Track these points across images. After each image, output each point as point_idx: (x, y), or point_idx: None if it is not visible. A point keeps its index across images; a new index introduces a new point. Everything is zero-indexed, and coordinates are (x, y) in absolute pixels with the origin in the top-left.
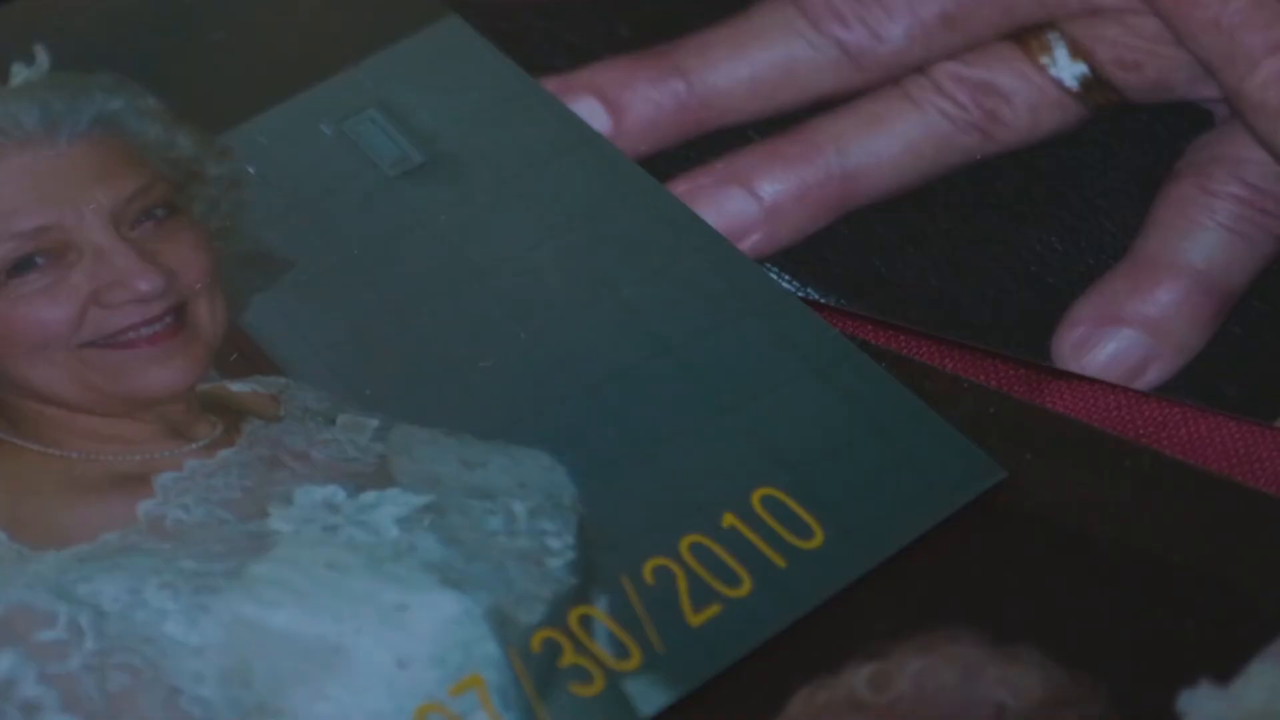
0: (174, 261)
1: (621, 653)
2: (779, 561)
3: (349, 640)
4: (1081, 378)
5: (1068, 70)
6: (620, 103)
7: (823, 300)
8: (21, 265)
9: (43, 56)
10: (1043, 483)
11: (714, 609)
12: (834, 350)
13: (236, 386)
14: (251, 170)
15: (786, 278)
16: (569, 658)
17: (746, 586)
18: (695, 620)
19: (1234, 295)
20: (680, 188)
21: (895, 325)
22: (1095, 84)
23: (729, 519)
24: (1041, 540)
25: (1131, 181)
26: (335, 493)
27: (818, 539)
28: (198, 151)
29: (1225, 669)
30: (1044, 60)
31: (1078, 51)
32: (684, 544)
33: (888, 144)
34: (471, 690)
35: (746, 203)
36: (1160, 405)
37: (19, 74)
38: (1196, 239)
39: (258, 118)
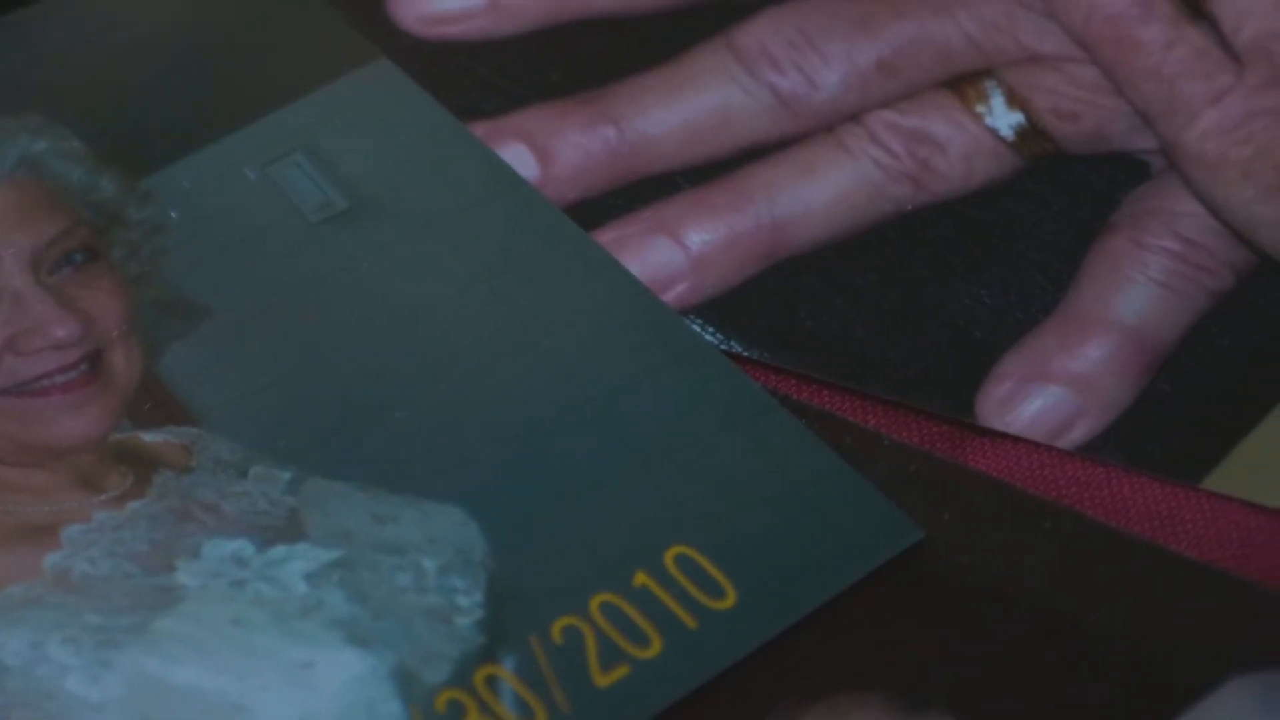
0: (91, 308)
1: (527, 714)
2: (690, 622)
3: (252, 698)
4: (1006, 435)
5: (1004, 119)
6: (549, 149)
7: (746, 353)
8: None
9: None
10: (961, 544)
11: (622, 670)
12: (754, 405)
13: (149, 436)
14: (174, 215)
15: (711, 329)
16: (473, 719)
17: (656, 647)
18: (603, 681)
19: (1164, 351)
20: (607, 236)
21: (818, 379)
22: (1031, 133)
23: (641, 577)
24: (958, 603)
25: (1065, 234)
26: (244, 547)
27: (730, 599)
28: (120, 195)
29: None
30: (980, 109)
31: (1014, 100)
32: (594, 603)
33: (819, 193)
34: None
35: (673, 252)
36: (1084, 465)
37: None
38: (1128, 293)
39: (183, 161)
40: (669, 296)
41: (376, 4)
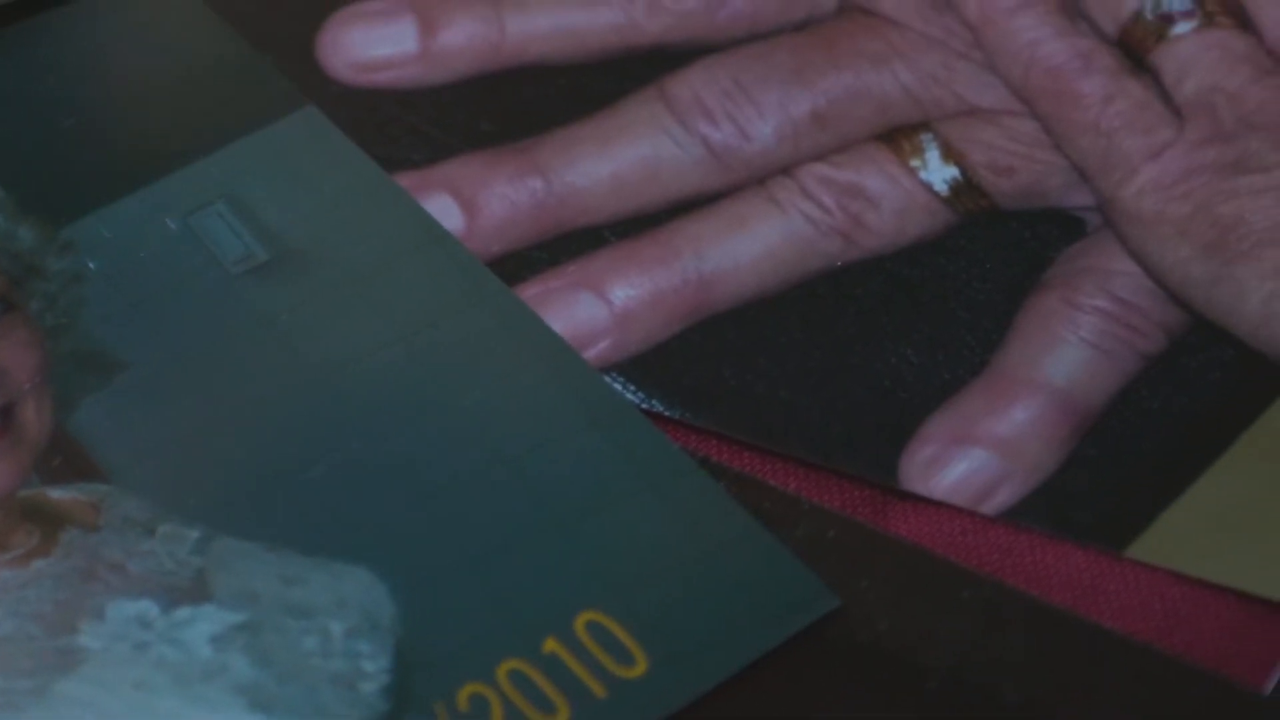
0: (4, 360)
1: None
2: (599, 691)
3: None
4: (929, 500)
5: (938, 174)
6: (475, 201)
7: (668, 412)
8: None
9: None
10: (878, 611)
11: None
12: (672, 467)
13: (57, 493)
14: (92, 266)
15: (633, 387)
16: None
17: (564, 716)
18: None
19: (1092, 415)
20: (531, 291)
21: (740, 440)
22: (966, 189)
23: (550, 644)
24: (873, 672)
25: (997, 292)
26: (149, 608)
27: (640, 667)
28: (39, 245)
29: None
30: (915, 163)
31: (950, 154)
32: (502, 670)
33: (748, 248)
34: None
35: (597, 308)
36: (1007, 531)
37: None
38: (1058, 354)
39: (104, 209)
40: (592, 353)
41: (306, 51)
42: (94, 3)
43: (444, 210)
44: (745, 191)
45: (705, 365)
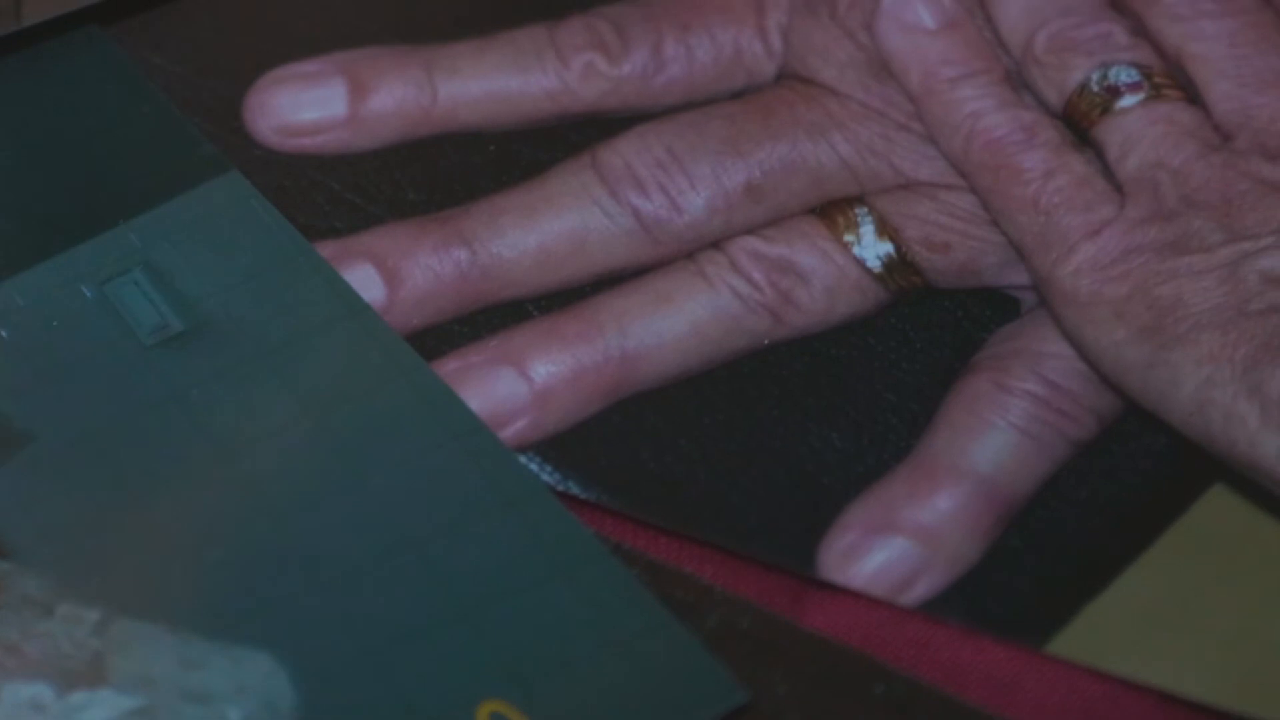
0: None
1: None
2: None
3: None
4: (846, 590)
5: (872, 249)
6: (398, 272)
7: (584, 495)
8: None
9: None
10: (788, 707)
11: None
12: (583, 553)
13: None
14: (4, 334)
15: (549, 468)
16: None
17: None
18: None
19: (1018, 503)
20: (449, 366)
21: (656, 526)
22: (899, 265)
23: None
24: None
25: (925, 374)
26: (43, 692)
27: None
28: None
29: None
30: (848, 238)
31: (884, 230)
32: None
33: (673, 325)
34: None
35: (516, 385)
36: (924, 624)
37: None
38: (985, 440)
39: (18, 276)
40: (509, 432)
41: (233, 114)
42: (9, 61)
43: (365, 281)
44: (674, 266)
45: (623, 446)
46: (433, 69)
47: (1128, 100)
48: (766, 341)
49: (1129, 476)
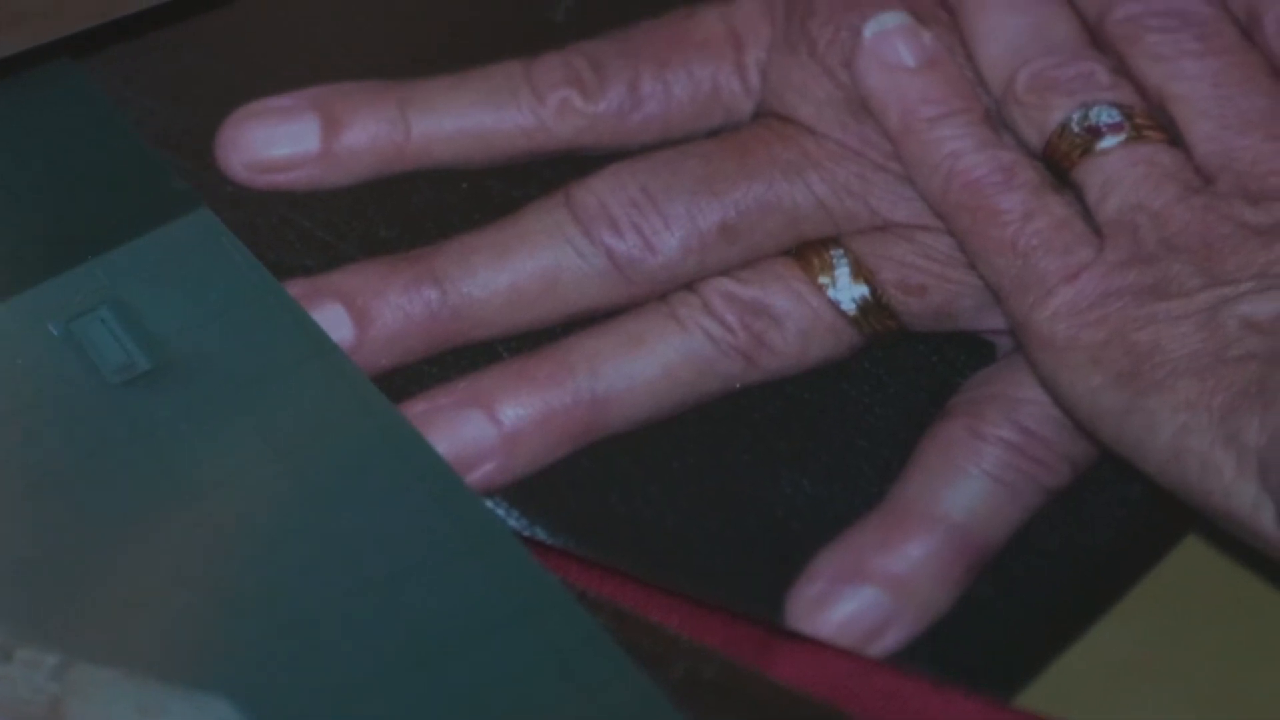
0: None
1: None
2: None
3: None
4: (814, 640)
5: (847, 292)
6: (368, 311)
7: (550, 540)
8: None
9: None
10: None
11: None
12: (547, 600)
13: None
14: None
15: (516, 513)
16: None
17: None
18: None
19: (989, 552)
20: (417, 408)
21: (623, 572)
22: (874, 308)
23: None
24: None
25: (898, 419)
26: None
27: None
28: None
29: None
30: (823, 280)
31: (860, 272)
32: None
33: (644, 367)
34: None
35: (484, 428)
36: (892, 676)
37: None
38: (958, 487)
39: None
40: (476, 475)
41: (205, 149)
42: None
43: (334, 320)
44: (646, 307)
45: (592, 491)
46: (406, 105)
47: (1109, 141)
48: (739, 385)
49: (1102, 525)
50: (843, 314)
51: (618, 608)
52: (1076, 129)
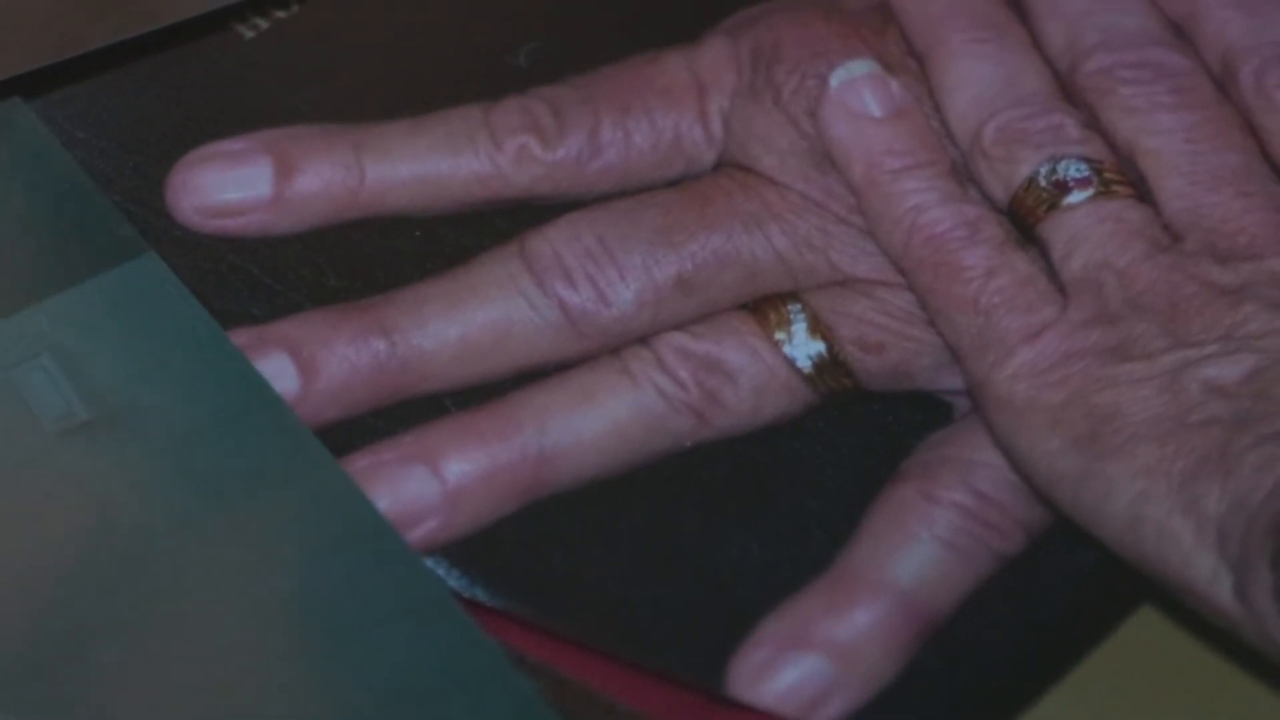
0: None
1: None
2: None
3: None
4: (755, 709)
5: (803, 348)
6: (314, 362)
7: (490, 601)
8: None
9: None
10: None
11: None
12: (483, 665)
13: None
14: None
15: (457, 571)
16: None
17: None
18: None
19: (938, 620)
20: (361, 462)
21: (562, 637)
22: (830, 366)
23: None
24: None
25: (851, 481)
26: None
27: None
28: None
29: None
30: (779, 335)
31: (817, 328)
32: None
33: (593, 423)
34: None
35: (428, 484)
36: None
37: None
38: (908, 552)
39: None
40: (418, 533)
41: (155, 192)
42: None
43: (279, 370)
44: (598, 361)
45: (534, 550)
46: (362, 150)
47: (1076, 196)
48: (690, 443)
49: (1055, 594)
50: (798, 371)
51: (556, 674)
52: (1043, 183)
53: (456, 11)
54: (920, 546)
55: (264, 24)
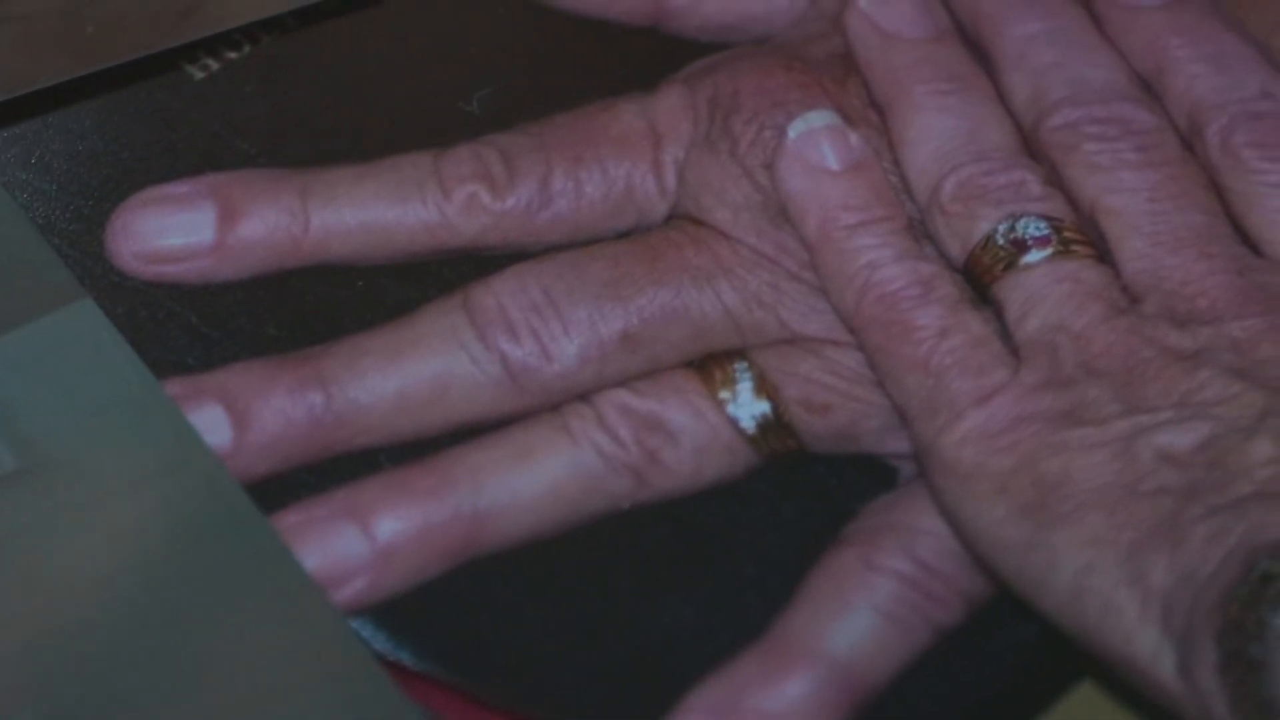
0: None
1: None
2: None
3: None
4: None
5: (747, 409)
6: (248, 414)
7: (417, 666)
8: None
9: None
10: None
11: None
12: None
13: None
14: None
15: (384, 634)
16: None
17: None
18: None
19: (873, 692)
20: (291, 519)
21: (489, 703)
22: (774, 426)
23: None
24: None
25: (790, 546)
26: None
27: None
28: None
29: None
30: (724, 394)
31: (763, 388)
32: None
33: (530, 483)
34: None
35: (357, 543)
36: None
37: None
38: (845, 622)
39: None
40: (345, 592)
41: (94, 236)
42: None
43: (213, 422)
44: (537, 418)
45: (463, 614)
46: (307, 196)
47: (1033, 256)
48: (628, 504)
49: (993, 669)
50: (741, 432)
51: None
52: (1001, 241)
53: (410, 55)
54: (858, 616)
55: (214, 65)
